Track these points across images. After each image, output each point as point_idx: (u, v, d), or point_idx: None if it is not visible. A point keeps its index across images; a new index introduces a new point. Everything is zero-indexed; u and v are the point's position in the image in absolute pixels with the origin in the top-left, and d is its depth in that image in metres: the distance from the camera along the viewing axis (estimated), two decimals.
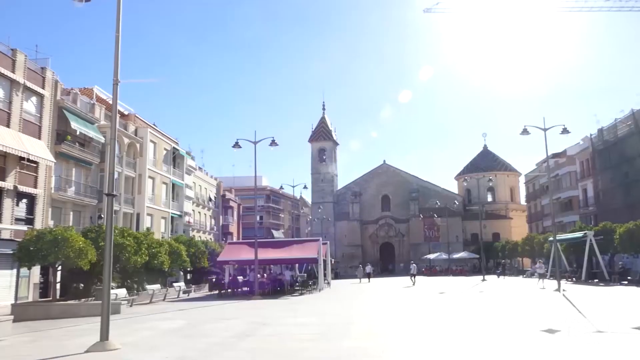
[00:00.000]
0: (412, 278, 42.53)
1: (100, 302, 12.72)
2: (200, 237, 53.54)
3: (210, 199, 61.28)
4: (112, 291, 21.24)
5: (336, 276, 62.67)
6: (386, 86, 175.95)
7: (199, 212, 57.21)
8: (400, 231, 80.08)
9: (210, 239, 57.20)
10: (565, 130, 30.43)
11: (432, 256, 67.73)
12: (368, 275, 51.55)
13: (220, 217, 64.75)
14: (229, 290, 33.30)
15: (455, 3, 76.59)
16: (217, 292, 33.56)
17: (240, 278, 37.68)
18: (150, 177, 42.99)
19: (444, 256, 65.82)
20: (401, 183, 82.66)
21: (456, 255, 66.21)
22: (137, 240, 26.96)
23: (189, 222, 51.52)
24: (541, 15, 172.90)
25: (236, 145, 31.48)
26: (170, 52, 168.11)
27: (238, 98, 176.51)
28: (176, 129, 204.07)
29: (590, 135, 55.69)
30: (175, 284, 34.21)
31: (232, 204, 67.37)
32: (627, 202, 46.68)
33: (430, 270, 65.80)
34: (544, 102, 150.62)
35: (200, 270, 41.16)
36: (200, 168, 60.34)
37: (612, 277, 35.35)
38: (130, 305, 24.71)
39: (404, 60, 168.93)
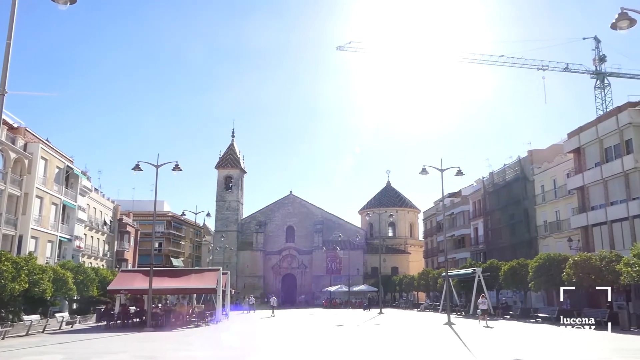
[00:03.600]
0: (272, 311, 44.22)
1: None
2: (91, 263, 50.25)
3: (105, 223, 57.91)
4: None
5: (250, 307, 61.27)
6: (297, 118, 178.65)
7: (92, 237, 53.75)
8: (303, 262, 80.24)
9: (103, 265, 53.81)
10: (459, 172, 32.47)
11: (332, 288, 68.32)
12: (251, 306, 52.81)
13: (116, 242, 61.25)
14: (119, 321, 31.29)
15: (366, 44, 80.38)
16: (105, 323, 31.33)
17: (132, 308, 35.69)
18: (38, 196, 39.88)
19: (344, 289, 66.64)
20: (306, 214, 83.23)
21: (356, 288, 67.30)
22: (17, 266, 24.61)
23: (79, 246, 48.17)
24: (445, 62, 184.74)
25: (136, 167, 30.13)
26: (73, 67, 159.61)
27: (144, 120, 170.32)
28: (72, 146, 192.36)
29: (483, 177, 59.85)
30: (57, 314, 31.54)
31: (129, 229, 64.01)
32: (512, 242, 50.38)
33: (330, 302, 66.26)
34: (445, 144, 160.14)
35: (88, 299, 38.40)
36: (96, 189, 57.03)
37: (497, 312, 37.62)
38: (2, 338, 22.36)
39: (315, 94, 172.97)
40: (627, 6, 13.65)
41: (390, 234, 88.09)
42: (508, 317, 36.26)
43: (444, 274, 39.80)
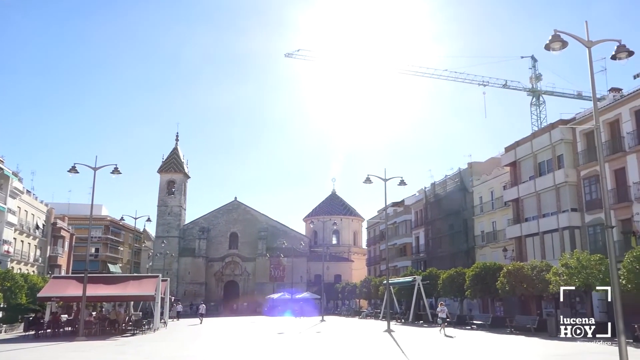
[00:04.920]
0: (200, 318, 45.46)
1: None
2: (20, 269, 47.62)
3: (37, 227, 55.17)
4: None
5: (176, 315, 59.78)
6: (245, 125, 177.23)
7: (22, 241, 51.03)
8: (247, 270, 79.43)
9: (34, 271, 51.20)
10: (402, 182, 33.08)
11: (275, 296, 67.92)
12: (178, 314, 52.62)
13: (48, 247, 58.44)
14: (49, 330, 29.81)
15: (315, 52, 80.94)
16: (33, 332, 29.74)
17: (64, 316, 34.16)
18: None
19: (287, 296, 66.38)
20: (251, 221, 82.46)
21: (299, 296, 67.16)
22: None
23: (7, 251, 45.61)
24: (392, 73, 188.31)
25: (73, 169, 28.86)
26: (5, 64, 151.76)
27: (82, 121, 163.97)
28: (3, 146, 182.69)
29: (425, 188, 61.32)
30: None
31: (63, 233, 61.24)
32: (451, 251, 51.83)
33: (273, 309, 65.74)
34: (390, 153, 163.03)
35: (16, 307, 36.29)
36: (28, 191, 54.27)
37: (435, 319, 38.50)
38: None
39: (262, 100, 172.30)
40: (561, 29, 14.44)
41: (334, 241, 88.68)
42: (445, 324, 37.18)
43: (386, 281, 40.39)
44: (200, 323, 42.98)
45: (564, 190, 35.39)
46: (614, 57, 14.30)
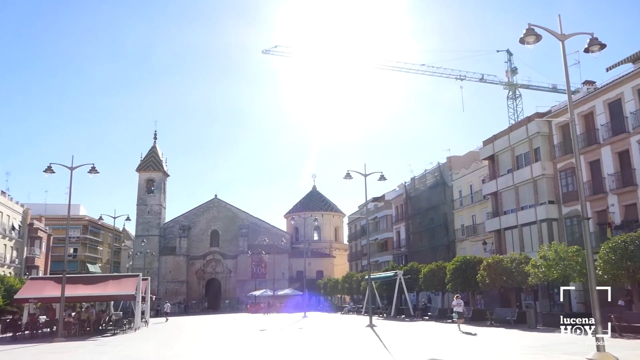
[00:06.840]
0: (166, 318, 47.31)
1: None
2: None
3: (13, 228, 54.12)
4: None
5: (157, 314, 59.28)
6: (223, 122, 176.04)
7: None
8: (228, 267, 79.10)
9: (10, 273, 50.20)
10: (382, 177, 33.18)
11: (257, 293, 67.76)
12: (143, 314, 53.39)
13: (25, 248, 57.40)
14: (27, 332, 29.32)
15: (292, 48, 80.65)
16: (11, 334, 29.21)
17: (43, 317, 33.63)
18: None
19: (269, 293, 66.25)
20: (232, 218, 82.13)
21: (281, 292, 67.08)
22: None
23: None
24: (370, 69, 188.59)
25: (48, 169, 28.29)
26: None
27: (59, 121, 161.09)
28: None
29: (405, 183, 61.66)
30: None
31: (40, 234, 60.18)
32: (432, 245, 52.23)
33: (255, 306, 65.61)
34: (370, 149, 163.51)
35: None
36: (3, 192, 53.23)
37: (416, 313, 38.81)
38: None
39: (240, 97, 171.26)
40: (536, 23, 14.54)
41: (315, 237, 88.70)
42: (427, 317, 37.50)
43: (367, 277, 40.55)
44: (166, 321, 44.44)
45: (541, 183, 35.86)
46: (586, 50, 14.47)
